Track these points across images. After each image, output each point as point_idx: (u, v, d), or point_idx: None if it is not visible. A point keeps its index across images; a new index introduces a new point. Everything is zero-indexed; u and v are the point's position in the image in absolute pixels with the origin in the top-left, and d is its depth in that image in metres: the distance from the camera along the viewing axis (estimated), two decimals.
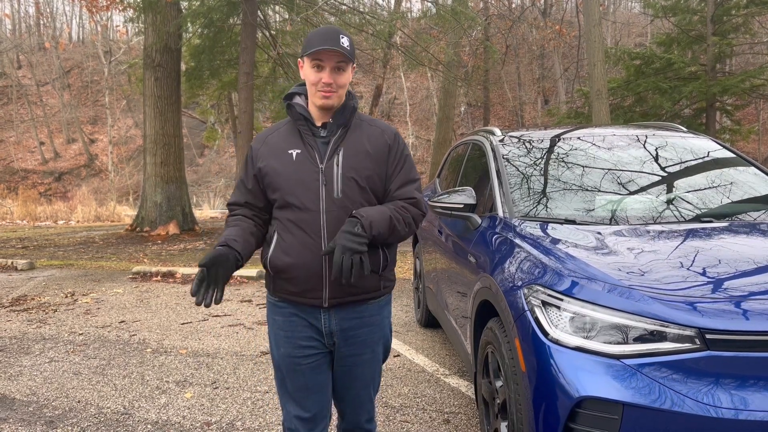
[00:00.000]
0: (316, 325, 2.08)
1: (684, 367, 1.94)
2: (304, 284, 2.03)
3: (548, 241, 2.61)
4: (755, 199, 3.24)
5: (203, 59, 13.14)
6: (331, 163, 2.03)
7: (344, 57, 2.00)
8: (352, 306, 2.08)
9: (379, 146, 2.09)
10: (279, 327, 2.13)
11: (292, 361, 2.10)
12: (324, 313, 2.07)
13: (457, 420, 3.38)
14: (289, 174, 2.03)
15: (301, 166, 2.03)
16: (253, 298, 6.63)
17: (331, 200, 2.00)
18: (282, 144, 2.09)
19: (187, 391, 3.90)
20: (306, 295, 2.04)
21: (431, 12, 13.41)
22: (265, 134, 2.17)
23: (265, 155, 2.09)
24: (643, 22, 28.05)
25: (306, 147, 2.06)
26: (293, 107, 2.09)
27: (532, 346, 2.18)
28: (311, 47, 1.99)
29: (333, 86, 2.01)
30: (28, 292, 7.22)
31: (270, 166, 2.06)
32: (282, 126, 2.17)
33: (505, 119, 28.81)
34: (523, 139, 3.81)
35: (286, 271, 2.03)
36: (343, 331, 2.09)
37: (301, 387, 2.11)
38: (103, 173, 30.76)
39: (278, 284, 2.09)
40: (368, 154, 2.06)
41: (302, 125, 2.07)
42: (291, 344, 2.09)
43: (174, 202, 13.21)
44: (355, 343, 2.11)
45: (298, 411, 2.13)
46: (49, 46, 37.12)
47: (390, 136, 2.12)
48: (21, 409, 3.65)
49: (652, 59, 12.81)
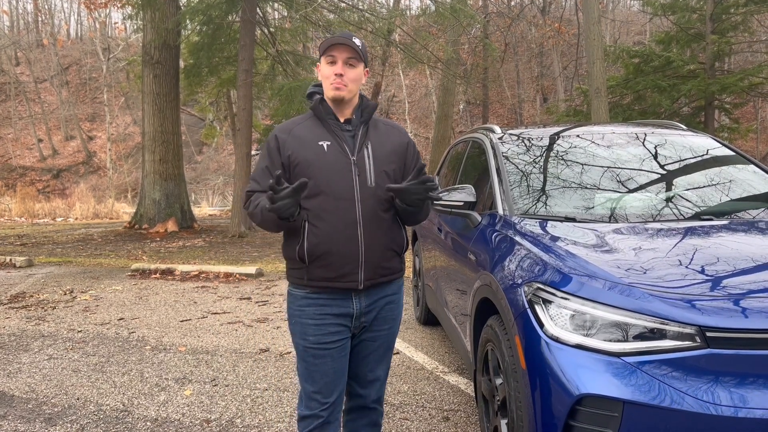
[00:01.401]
0: (347, 310, 2.20)
1: (684, 364, 1.94)
2: (341, 269, 2.14)
3: (548, 238, 2.61)
4: (754, 197, 3.24)
5: (202, 56, 13.13)
6: (362, 155, 2.18)
7: (355, 53, 2.15)
8: (381, 286, 2.25)
9: (399, 144, 2.29)
10: (308, 317, 2.19)
11: (321, 347, 2.19)
12: (356, 296, 2.20)
13: (457, 417, 3.39)
14: (322, 164, 2.13)
15: (334, 156, 2.15)
16: (252, 296, 6.63)
17: (365, 189, 2.15)
18: (310, 136, 2.19)
19: (186, 388, 3.90)
20: (342, 279, 2.15)
21: (430, 9, 13.40)
22: (288, 126, 2.24)
23: (293, 146, 2.17)
24: (642, 20, 28.06)
25: (335, 139, 2.18)
26: (325, 102, 2.20)
27: (532, 344, 2.18)
28: (326, 46, 2.16)
29: (344, 79, 2.15)
30: (27, 289, 7.21)
31: (302, 156, 2.15)
32: (304, 120, 2.26)
33: (504, 117, 28.82)
34: (522, 136, 3.81)
35: (323, 257, 2.13)
36: (371, 311, 2.24)
37: (328, 372, 2.21)
38: (102, 170, 30.73)
39: (313, 272, 2.16)
40: (393, 150, 2.26)
41: (331, 119, 2.20)
42: (321, 332, 2.18)
43: (173, 199, 13.20)
44: (379, 319, 2.28)
45: (321, 397, 2.21)
46: (47, 42, 37.04)
47: (405, 134, 2.35)
48: (20, 406, 3.65)
49: (651, 57, 12.81)
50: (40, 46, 38.60)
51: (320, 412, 2.22)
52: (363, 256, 2.14)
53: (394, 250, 2.24)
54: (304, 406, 2.25)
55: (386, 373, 2.42)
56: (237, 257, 9.52)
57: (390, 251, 2.23)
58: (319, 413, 2.22)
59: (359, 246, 2.13)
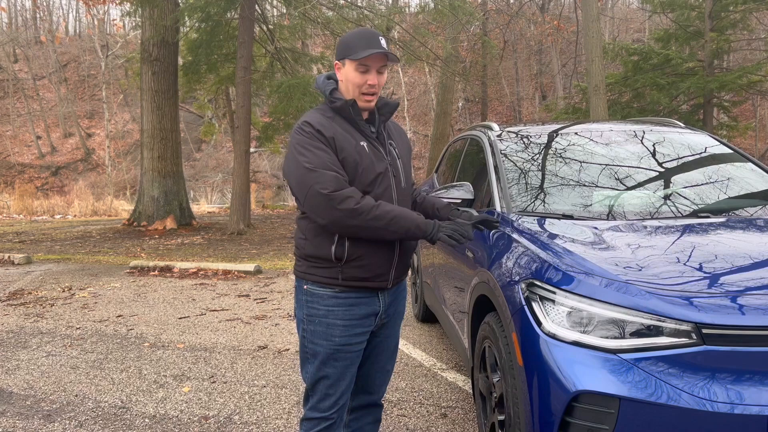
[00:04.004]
0: (373, 309, 2.21)
1: (680, 361, 1.95)
2: (377, 269, 2.15)
3: (546, 236, 2.62)
4: (752, 194, 3.24)
5: (200, 53, 13.10)
6: (393, 156, 2.22)
7: (387, 60, 2.12)
8: (399, 284, 2.31)
9: (407, 143, 2.39)
10: (337, 317, 2.15)
11: (346, 349, 2.17)
12: (381, 294, 2.22)
13: (454, 414, 3.39)
14: (367, 166, 2.11)
15: (375, 158, 2.15)
16: (251, 293, 6.63)
17: (399, 190, 2.21)
18: (349, 135, 2.12)
19: (184, 385, 3.90)
20: (376, 279, 2.17)
21: (429, 7, 13.39)
22: (325, 122, 2.10)
23: (342, 145, 2.07)
24: (641, 17, 28.05)
25: (369, 141, 2.17)
26: (356, 106, 2.12)
27: (530, 341, 2.19)
28: (357, 51, 2.06)
29: (376, 87, 2.14)
30: (25, 286, 7.21)
31: (352, 158, 2.08)
32: (334, 116, 2.14)
33: (503, 115, 28.81)
34: (520, 134, 3.81)
35: (361, 258, 2.12)
36: (390, 307, 2.29)
37: (346, 375, 2.21)
38: (100, 168, 30.69)
39: (348, 272, 2.12)
40: (407, 149, 2.36)
41: (361, 121, 2.16)
42: (348, 333, 2.17)
43: (171, 196, 13.19)
44: (393, 314, 2.33)
45: (335, 400, 2.19)
46: (45, 39, 36.93)
47: (406, 134, 2.44)
48: (18, 402, 3.65)
49: (650, 55, 12.81)
50: (38, 43, 38.49)
51: (331, 415, 2.19)
52: (397, 257, 2.19)
53: (414, 249, 2.33)
54: (313, 408, 2.20)
55: (393, 367, 2.46)
56: (236, 254, 9.53)
57: (412, 250, 2.31)
58: (330, 416, 2.19)
59: (396, 247, 2.17)
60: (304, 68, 14.24)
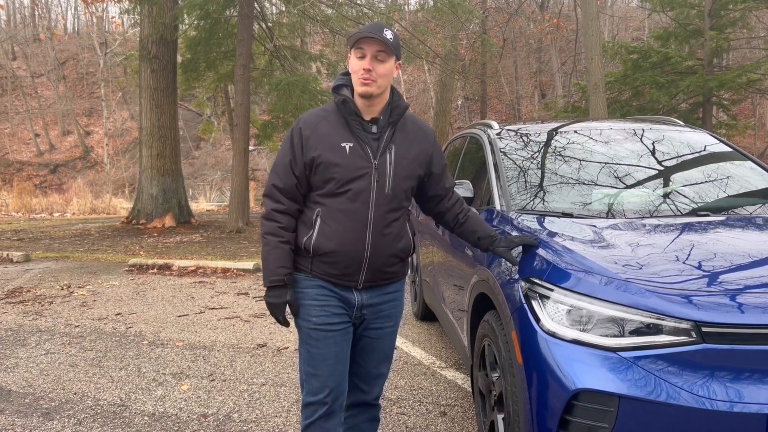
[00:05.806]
0: (348, 299, 2.23)
1: (680, 359, 1.95)
2: (344, 269, 2.17)
3: (545, 234, 2.62)
4: (751, 193, 3.24)
5: (199, 51, 13.09)
6: (384, 160, 2.16)
7: (385, 47, 2.09)
8: (381, 286, 2.27)
9: (423, 150, 2.26)
10: (312, 298, 2.21)
11: (325, 328, 2.19)
12: (356, 290, 2.23)
13: (454, 412, 3.39)
14: (343, 167, 2.12)
15: (355, 160, 2.13)
16: (250, 291, 6.63)
17: (381, 195, 2.15)
18: (334, 135, 2.15)
19: (183, 383, 3.90)
20: (344, 279, 2.19)
21: (429, 5, 13.38)
22: (313, 120, 2.19)
23: (317, 144, 2.14)
24: (641, 16, 28.05)
25: (358, 141, 2.15)
26: (347, 103, 2.15)
27: (529, 339, 2.19)
28: (355, 39, 2.11)
29: (372, 74, 2.09)
30: (24, 284, 7.20)
31: (325, 157, 2.12)
32: (329, 115, 2.20)
33: (502, 113, 28.80)
34: (520, 132, 3.80)
35: (329, 255, 2.15)
36: (372, 305, 2.26)
37: (330, 355, 2.21)
38: (99, 165, 30.65)
39: (317, 266, 2.19)
40: (416, 157, 2.23)
41: (354, 120, 2.15)
42: (325, 312, 2.20)
43: (170, 194, 13.18)
44: (381, 316, 2.30)
45: (324, 381, 2.20)
46: (44, 37, 36.85)
47: (431, 137, 2.31)
48: (17, 400, 3.65)
49: (649, 53, 12.81)
50: (36, 40, 38.44)
51: (325, 398, 2.21)
52: (367, 260, 2.16)
53: (399, 257, 2.25)
54: (308, 392, 2.24)
55: (389, 369, 2.43)
56: (234, 253, 9.52)
57: (394, 258, 2.24)
58: (324, 399, 2.21)
59: (365, 250, 2.15)
60: (303, 66, 14.22)
